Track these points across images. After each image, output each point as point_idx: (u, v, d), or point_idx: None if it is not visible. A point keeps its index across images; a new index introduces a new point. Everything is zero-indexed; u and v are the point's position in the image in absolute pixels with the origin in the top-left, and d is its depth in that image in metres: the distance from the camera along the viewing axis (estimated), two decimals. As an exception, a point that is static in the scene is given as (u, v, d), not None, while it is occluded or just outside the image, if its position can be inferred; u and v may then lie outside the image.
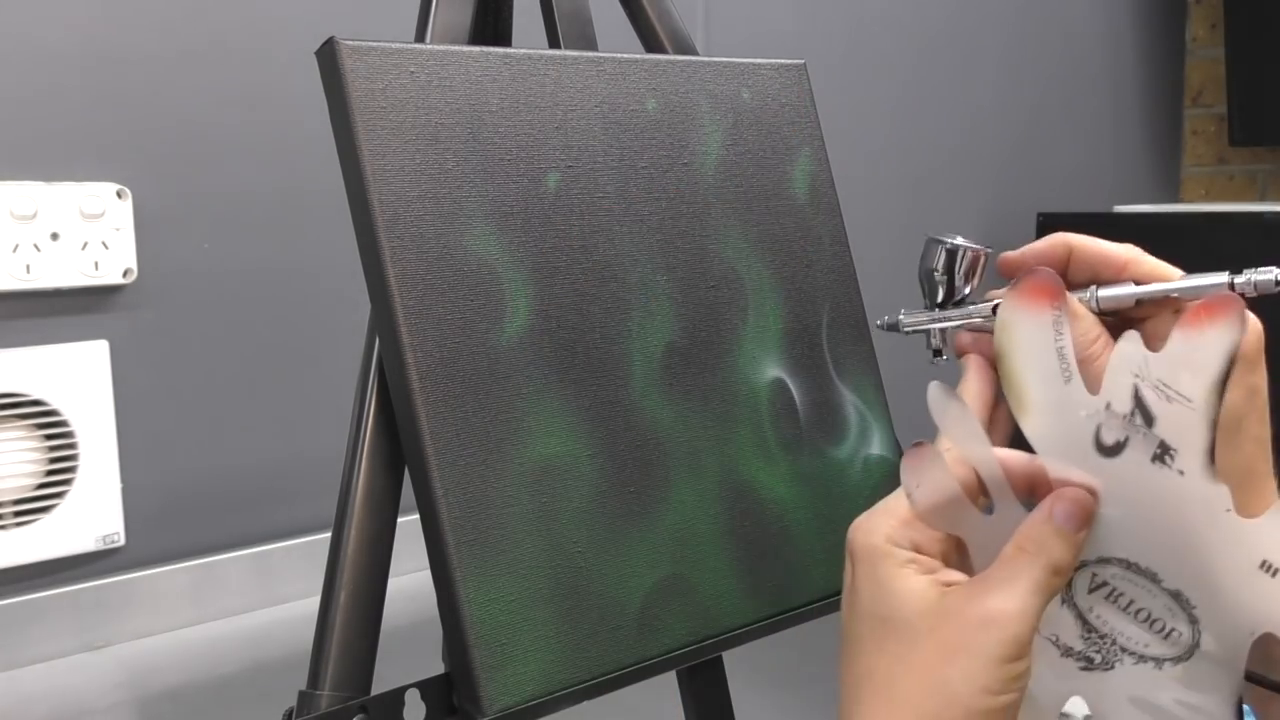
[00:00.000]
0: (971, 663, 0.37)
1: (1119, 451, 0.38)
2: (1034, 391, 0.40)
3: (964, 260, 0.48)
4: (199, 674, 1.17)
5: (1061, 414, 0.39)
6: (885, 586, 0.39)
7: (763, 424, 0.59)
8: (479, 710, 0.48)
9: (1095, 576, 0.40)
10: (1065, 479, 0.39)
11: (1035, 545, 0.38)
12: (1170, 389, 0.37)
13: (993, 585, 0.38)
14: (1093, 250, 0.45)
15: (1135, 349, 0.37)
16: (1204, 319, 0.36)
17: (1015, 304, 0.40)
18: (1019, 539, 0.39)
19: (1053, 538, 0.38)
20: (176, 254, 1.26)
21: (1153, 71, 2.39)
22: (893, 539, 0.40)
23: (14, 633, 1.17)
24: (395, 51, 0.51)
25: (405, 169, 0.50)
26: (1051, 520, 0.39)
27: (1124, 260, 0.45)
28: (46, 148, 1.18)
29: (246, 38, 1.29)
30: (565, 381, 0.53)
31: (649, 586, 0.54)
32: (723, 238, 0.60)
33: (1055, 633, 0.42)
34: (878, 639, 0.39)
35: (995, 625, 0.37)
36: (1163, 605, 0.39)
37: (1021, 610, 0.37)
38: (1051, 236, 0.46)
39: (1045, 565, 0.38)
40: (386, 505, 0.52)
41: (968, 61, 2.03)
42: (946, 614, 0.38)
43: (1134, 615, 0.40)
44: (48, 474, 1.19)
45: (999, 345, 0.41)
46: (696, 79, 0.61)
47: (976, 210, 2.07)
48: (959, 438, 0.40)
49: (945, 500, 0.40)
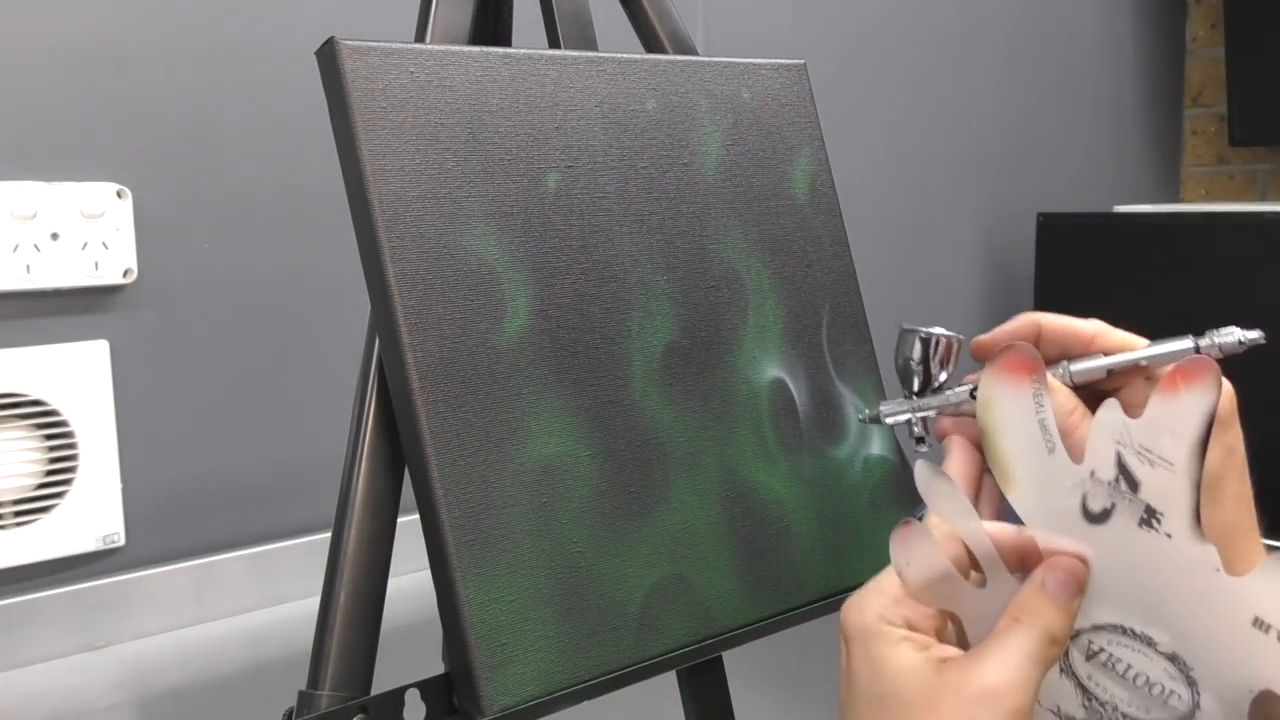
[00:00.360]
0: None
1: (1106, 518, 0.39)
2: (1019, 464, 0.40)
3: (938, 348, 0.50)
4: (199, 674, 1.17)
5: (1047, 485, 0.40)
6: (880, 665, 0.39)
7: (763, 424, 0.59)
8: (479, 710, 0.48)
9: (1092, 644, 0.41)
10: (1055, 548, 0.40)
11: (1030, 615, 0.39)
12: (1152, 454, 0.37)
13: (989, 658, 0.38)
14: (1061, 327, 0.47)
15: (1115, 417, 0.38)
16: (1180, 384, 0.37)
17: (995, 380, 0.41)
18: (1013, 610, 0.39)
19: (1047, 606, 0.39)
20: (176, 254, 1.26)
21: (1153, 71, 2.39)
22: (885, 617, 0.40)
23: (14, 633, 1.17)
24: (395, 51, 0.51)
25: (405, 169, 0.50)
26: (1045, 589, 0.39)
27: (1091, 334, 0.46)
28: (46, 148, 1.18)
29: (246, 38, 1.29)
30: (565, 381, 0.53)
31: (649, 586, 0.54)
32: (723, 238, 0.60)
33: (1056, 703, 0.42)
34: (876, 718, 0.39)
35: (994, 698, 0.37)
36: (1160, 669, 0.39)
37: (1019, 681, 0.37)
38: (1019, 317, 0.48)
39: (1041, 635, 0.38)
40: (386, 505, 0.52)
41: (968, 61, 2.03)
42: (944, 690, 0.38)
43: (1133, 681, 0.40)
44: (48, 474, 1.19)
45: (982, 422, 0.41)
46: (696, 79, 0.61)
47: (976, 210, 2.07)
48: (948, 514, 0.41)
49: (937, 576, 0.40)
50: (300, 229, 1.33)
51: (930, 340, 0.50)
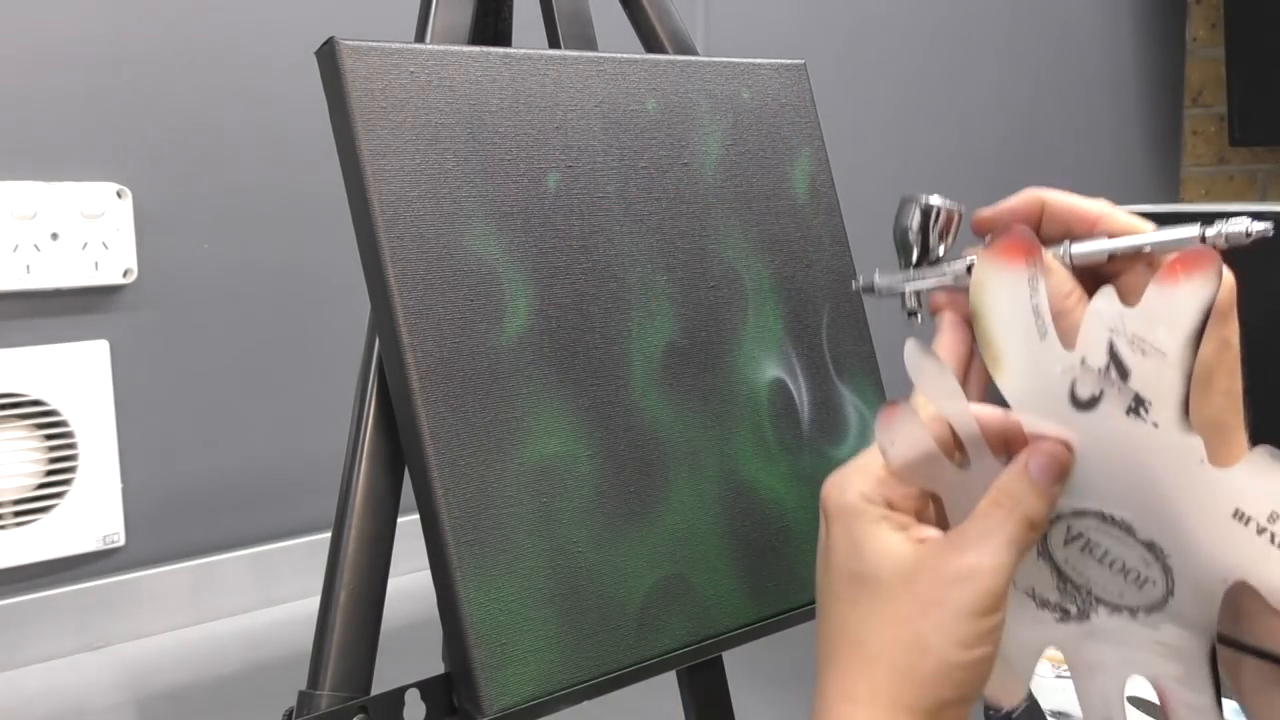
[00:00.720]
0: (946, 616, 0.37)
1: (1094, 405, 0.38)
2: (1009, 348, 0.40)
3: (938, 219, 0.48)
4: (199, 674, 1.17)
5: (1037, 370, 0.39)
6: (859, 543, 0.39)
7: (763, 424, 0.59)
8: (479, 710, 0.48)
9: (1071, 529, 0.41)
10: (1041, 433, 0.40)
11: (1010, 499, 0.38)
12: (1145, 343, 0.37)
13: (967, 540, 0.38)
14: (1065, 206, 0.45)
15: (1110, 304, 0.38)
16: (1180, 273, 0.36)
17: (990, 262, 0.40)
18: (994, 493, 0.39)
19: (1028, 491, 0.39)
20: (176, 254, 1.26)
21: (1153, 71, 2.39)
22: (867, 496, 0.40)
23: (14, 633, 1.17)
24: (395, 51, 0.51)
25: (405, 169, 0.50)
26: (1027, 474, 0.39)
27: (1096, 215, 0.45)
28: (46, 148, 1.18)
29: (246, 38, 1.28)
30: (565, 381, 0.53)
31: (649, 586, 0.54)
32: (723, 238, 0.60)
33: (1031, 585, 0.42)
34: (852, 595, 0.39)
35: (970, 579, 0.37)
36: (1137, 555, 0.40)
37: (996, 564, 0.37)
38: (1024, 192, 0.46)
39: (1020, 519, 0.38)
40: (386, 505, 0.52)
41: (968, 61, 2.03)
42: (920, 569, 0.38)
43: (1109, 566, 0.40)
44: (48, 474, 1.19)
45: (974, 303, 0.41)
46: (696, 79, 0.61)
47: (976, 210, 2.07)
48: (935, 394, 0.40)
49: (920, 456, 0.40)
50: (300, 229, 1.33)
51: (930, 210, 0.48)
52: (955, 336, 0.46)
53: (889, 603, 0.38)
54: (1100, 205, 0.45)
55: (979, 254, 0.41)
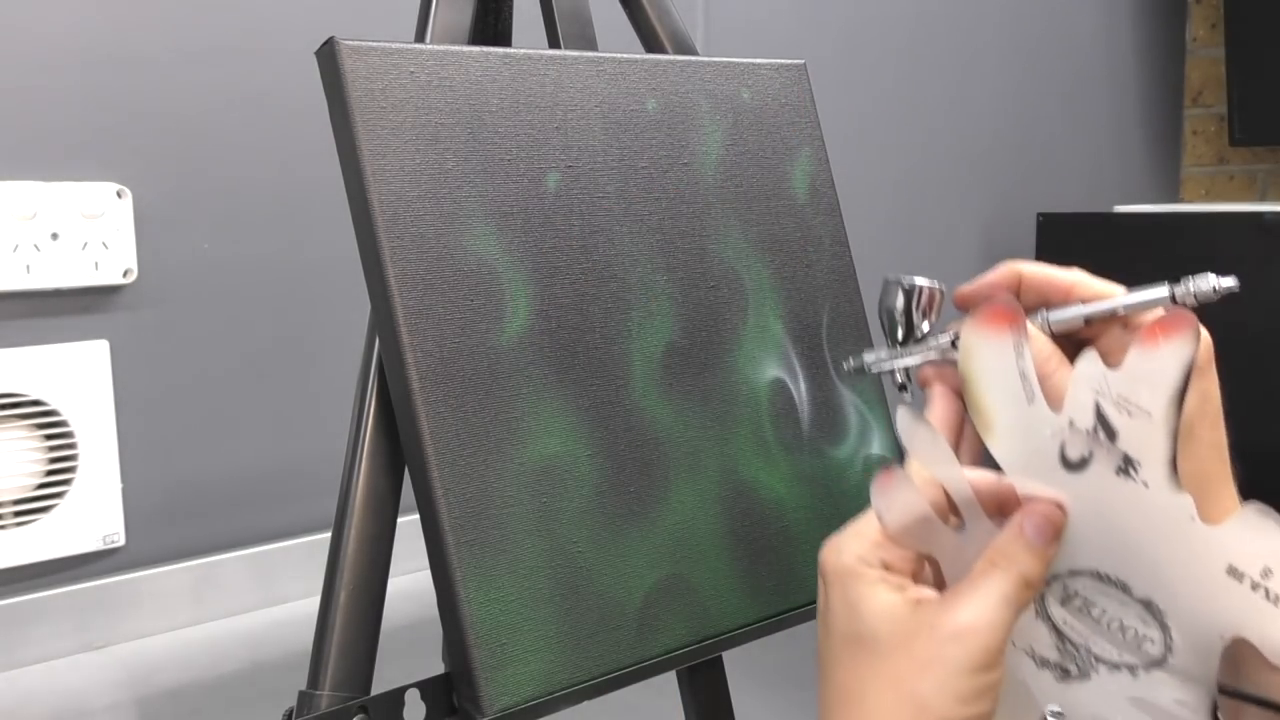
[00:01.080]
0: (943, 674, 0.38)
1: (1084, 467, 0.39)
2: (999, 413, 0.41)
3: (921, 298, 0.51)
4: (199, 674, 1.17)
5: (1026, 433, 0.40)
6: (857, 605, 0.40)
7: (763, 424, 0.59)
8: (479, 710, 0.48)
9: (1067, 588, 0.41)
10: (1033, 495, 0.40)
11: (1006, 559, 0.39)
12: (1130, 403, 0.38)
13: (964, 598, 0.39)
14: (1040, 276, 0.48)
15: (1095, 367, 0.39)
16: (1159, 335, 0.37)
17: (976, 330, 0.41)
18: (990, 554, 0.40)
19: (1023, 552, 0.39)
20: (176, 254, 1.26)
21: (1153, 71, 2.39)
22: (863, 558, 0.40)
23: (14, 633, 1.17)
24: (395, 51, 0.51)
25: (405, 169, 0.50)
26: (1022, 535, 0.40)
27: (1070, 283, 0.47)
28: (46, 148, 1.18)
29: (246, 38, 1.28)
30: (565, 381, 0.53)
31: (649, 586, 0.54)
32: (723, 238, 0.60)
33: (1030, 645, 0.43)
34: (851, 657, 0.40)
35: (966, 637, 0.38)
36: (1135, 614, 0.40)
37: (992, 622, 0.38)
38: (1001, 265, 0.48)
39: (1016, 578, 0.39)
40: (386, 505, 0.52)
41: (968, 62, 2.03)
42: (918, 628, 0.39)
43: (1107, 625, 0.41)
44: (48, 474, 1.19)
45: (964, 371, 0.42)
46: (696, 79, 0.61)
47: (976, 210, 2.07)
48: (929, 459, 0.41)
49: (916, 520, 0.41)
50: (300, 229, 1.33)
51: (913, 290, 0.50)
52: (946, 405, 0.47)
53: (887, 662, 0.39)
54: (1074, 274, 0.47)
55: (966, 323, 0.42)
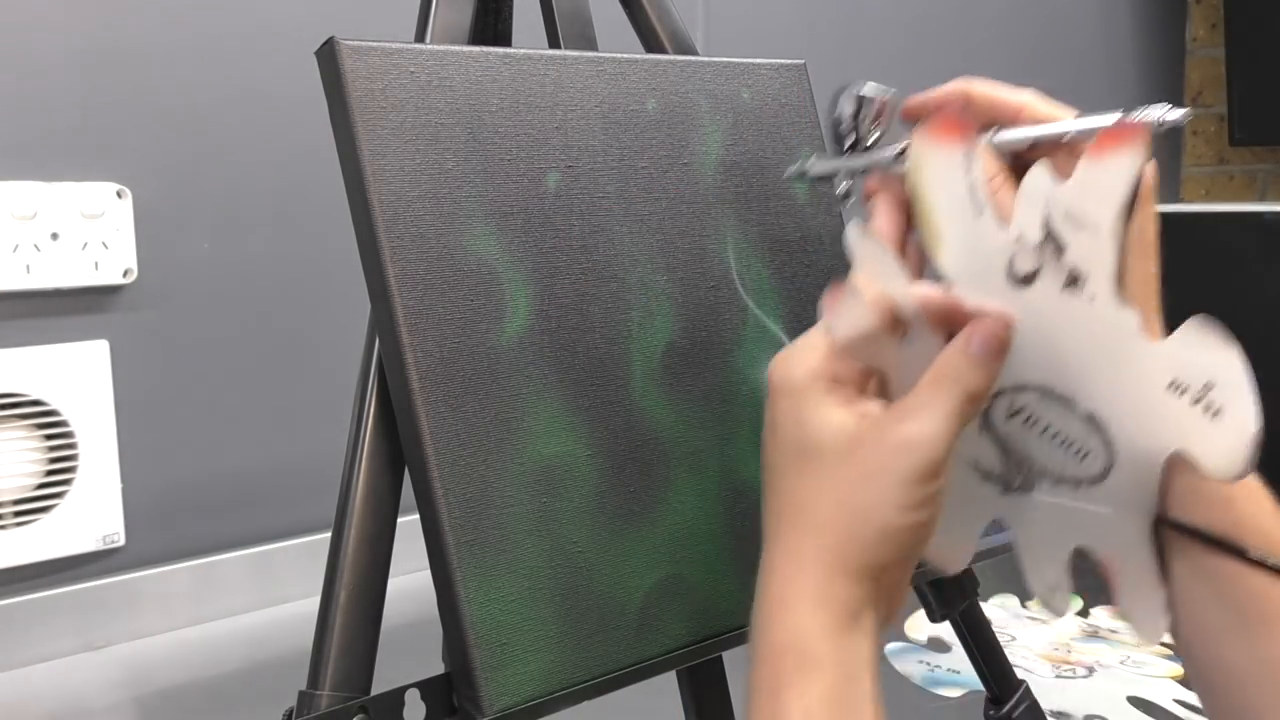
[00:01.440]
0: (887, 483, 0.38)
1: (1032, 281, 0.39)
2: (947, 226, 0.41)
3: (871, 107, 0.50)
4: (199, 674, 1.17)
5: (975, 247, 0.40)
6: (804, 418, 0.40)
7: (763, 424, 0.59)
8: (479, 710, 0.48)
9: (1013, 403, 0.41)
10: (981, 309, 0.40)
11: (952, 374, 0.39)
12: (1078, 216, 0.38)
13: (909, 412, 0.39)
14: (989, 96, 0.47)
15: (1044, 180, 0.38)
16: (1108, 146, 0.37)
17: (926, 141, 0.41)
18: (936, 369, 0.40)
19: (969, 367, 0.39)
20: (176, 254, 1.26)
21: (1153, 71, 2.39)
22: (812, 372, 0.41)
23: (14, 633, 1.17)
24: (395, 51, 0.51)
25: (405, 169, 0.50)
26: (968, 350, 0.40)
27: (1019, 105, 0.46)
28: (46, 148, 1.18)
29: (246, 38, 1.29)
30: (565, 382, 0.53)
31: (649, 586, 0.54)
32: (723, 238, 0.60)
33: (975, 458, 0.43)
34: (797, 469, 0.41)
35: (910, 449, 0.38)
36: (1078, 428, 0.40)
37: (936, 434, 0.38)
38: (952, 83, 0.48)
39: (961, 393, 0.39)
40: (386, 505, 0.52)
41: (967, 61, 2.03)
42: (863, 440, 0.39)
43: (1051, 439, 0.41)
44: (48, 474, 1.19)
45: (912, 183, 0.42)
46: (696, 79, 0.61)
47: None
48: (876, 273, 0.41)
49: (864, 333, 0.41)
50: (300, 229, 1.33)
51: (863, 99, 0.50)
52: (890, 217, 0.46)
53: (833, 472, 0.39)
54: (1024, 95, 0.46)
55: (915, 132, 0.42)
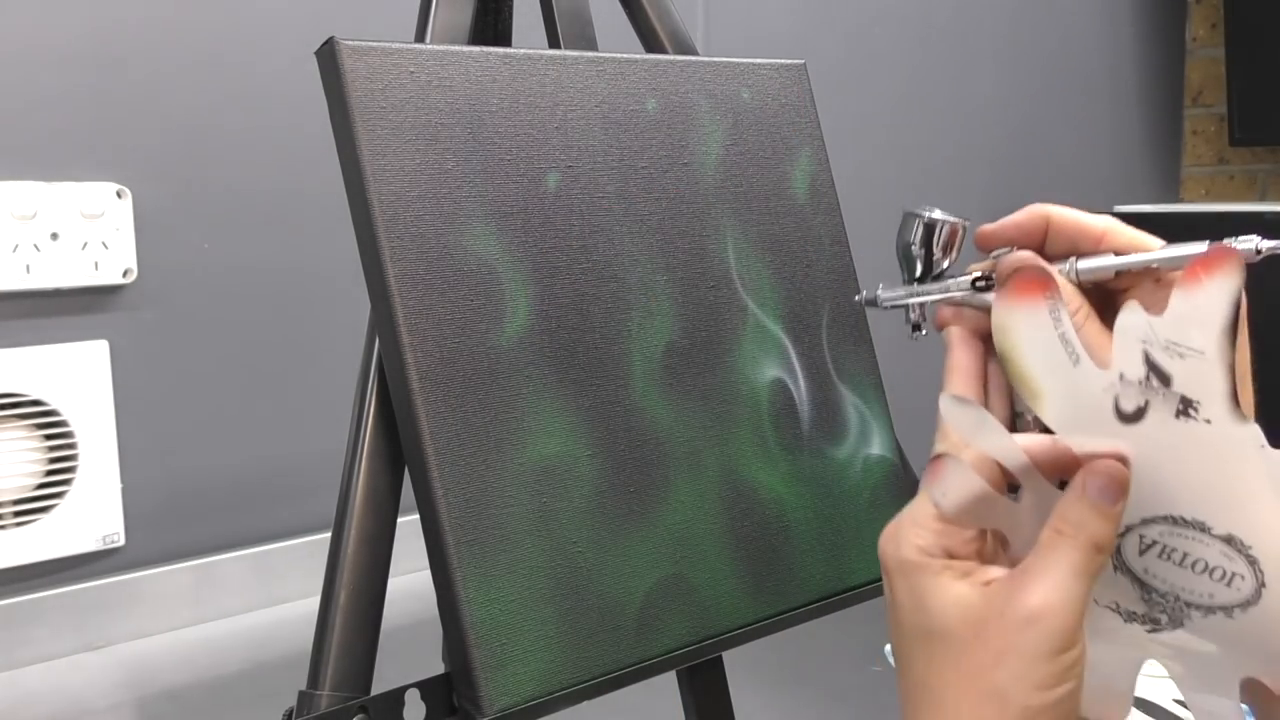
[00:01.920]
0: (1020, 662, 0.36)
1: (1141, 416, 0.38)
2: (1045, 381, 0.39)
3: (942, 233, 0.48)
4: (199, 674, 1.17)
5: (1077, 395, 0.39)
6: (924, 599, 0.38)
7: (763, 424, 0.59)
8: (479, 710, 0.48)
9: (1143, 538, 0.40)
10: (1093, 452, 0.39)
11: (1073, 525, 0.37)
12: (1180, 346, 0.37)
13: (1032, 577, 0.37)
14: (1070, 222, 0.45)
15: (1137, 317, 0.37)
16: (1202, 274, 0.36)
17: (1009, 304, 0.40)
18: (1055, 522, 0.38)
19: (1090, 514, 0.38)
20: (176, 254, 1.26)
21: (1153, 71, 2.39)
22: (924, 549, 0.39)
23: (14, 633, 1.17)
24: (395, 51, 0.51)
25: (405, 169, 0.50)
26: (1086, 496, 0.38)
27: (1101, 231, 0.44)
28: (46, 148, 1.18)
29: (246, 38, 1.28)
30: (565, 381, 0.53)
31: (649, 586, 0.53)
32: (723, 238, 0.60)
33: (1115, 600, 0.41)
34: (926, 653, 0.39)
35: (1040, 621, 0.36)
36: (1218, 552, 0.39)
37: (1065, 599, 0.36)
38: (1029, 208, 0.46)
39: (1085, 545, 0.37)
40: (386, 505, 0.52)
41: (968, 61, 2.03)
42: (989, 617, 0.37)
43: (1191, 568, 0.39)
44: (48, 474, 1.19)
45: (1000, 347, 0.40)
46: (696, 79, 0.61)
47: (976, 210, 2.06)
48: (977, 435, 0.40)
49: (973, 498, 0.39)
50: (300, 229, 1.33)
51: (935, 225, 0.48)
52: (967, 353, 0.45)
53: (962, 655, 0.37)
54: (1105, 221, 0.45)
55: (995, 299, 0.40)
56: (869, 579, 0.61)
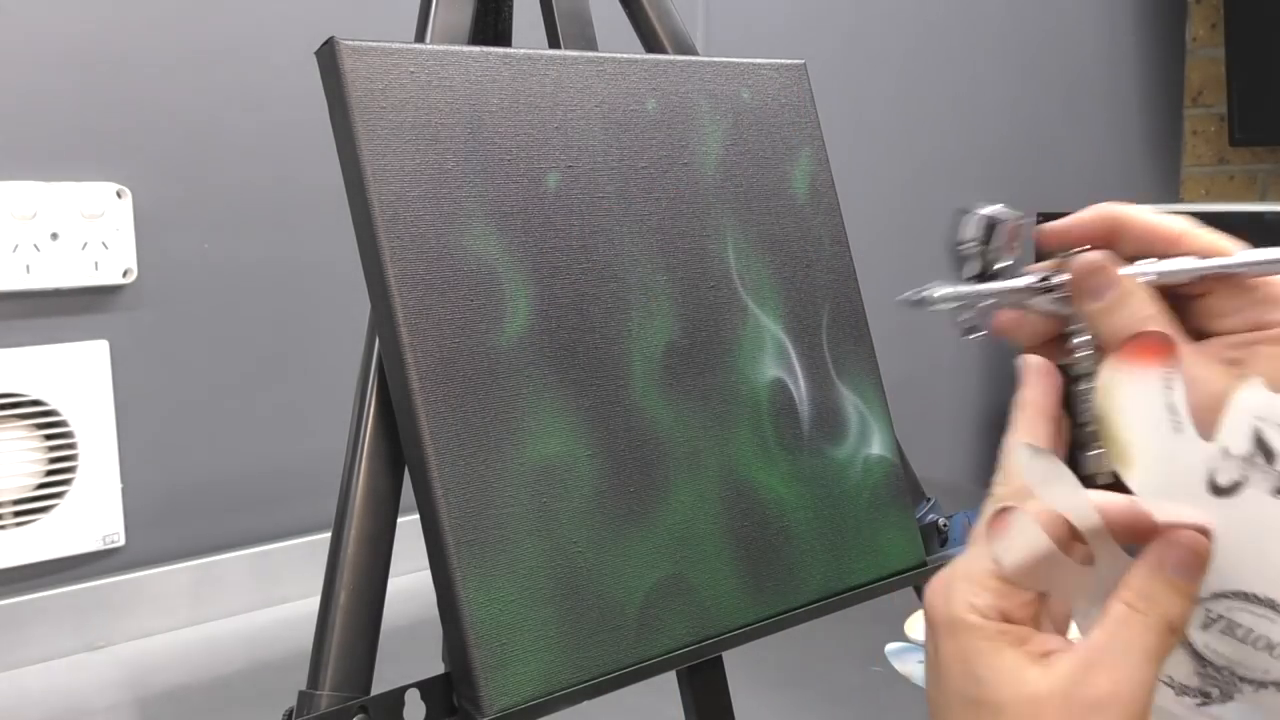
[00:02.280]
0: None
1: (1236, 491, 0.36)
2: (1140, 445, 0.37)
3: (1002, 231, 0.45)
4: (199, 674, 1.17)
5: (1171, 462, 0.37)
6: (975, 666, 0.35)
7: (763, 424, 0.59)
8: (479, 710, 0.48)
9: (1209, 612, 0.38)
10: (1175, 521, 0.37)
11: (1146, 602, 0.35)
12: None
13: (1100, 660, 0.34)
14: (1144, 225, 0.42)
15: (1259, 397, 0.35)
16: None
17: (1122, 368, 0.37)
18: (1127, 596, 0.35)
19: (1166, 591, 0.35)
20: (176, 254, 1.26)
21: (1153, 71, 2.39)
22: (979, 609, 0.36)
23: (14, 633, 1.17)
24: (395, 51, 0.51)
25: (405, 169, 0.50)
26: (1164, 570, 0.35)
27: (1177, 234, 0.41)
28: (46, 148, 1.18)
29: (246, 38, 1.28)
30: (565, 382, 0.53)
31: (649, 586, 0.54)
32: (723, 238, 0.60)
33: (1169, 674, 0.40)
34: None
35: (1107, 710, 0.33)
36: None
37: (1135, 687, 0.33)
38: (1099, 208, 0.42)
39: (1159, 625, 0.34)
40: (386, 505, 0.52)
41: (968, 61, 2.03)
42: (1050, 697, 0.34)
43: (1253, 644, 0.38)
44: (48, 474, 1.19)
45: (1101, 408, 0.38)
46: (696, 79, 0.61)
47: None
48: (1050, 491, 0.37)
49: (1038, 558, 0.37)
50: (300, 229, 1.33)
51: (994, 222, 0.45)
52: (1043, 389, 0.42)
53: None
54: (1180, 223, 0.42)
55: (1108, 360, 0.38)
56: (869, 579, 0.61)
